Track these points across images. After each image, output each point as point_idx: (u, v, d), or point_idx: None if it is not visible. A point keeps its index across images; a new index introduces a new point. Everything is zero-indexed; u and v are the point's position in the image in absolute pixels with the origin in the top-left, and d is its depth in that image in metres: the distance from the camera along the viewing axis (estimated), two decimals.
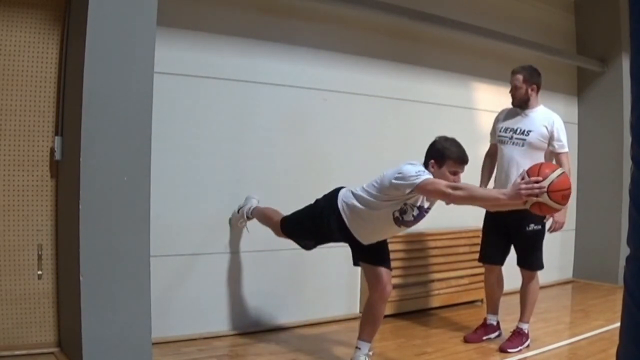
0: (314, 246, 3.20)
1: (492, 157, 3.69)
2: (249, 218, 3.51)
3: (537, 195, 2.55)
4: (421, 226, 4.39)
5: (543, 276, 3.82)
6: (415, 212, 2.88)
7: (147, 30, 2.75)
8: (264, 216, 3.42)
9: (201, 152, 3.52)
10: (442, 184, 2.68)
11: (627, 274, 1.06)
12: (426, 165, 2.86)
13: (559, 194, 2.58)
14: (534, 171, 2.63)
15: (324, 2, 3.85)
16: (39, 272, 2.98)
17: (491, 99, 4.84)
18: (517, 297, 3.60)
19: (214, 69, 3.54)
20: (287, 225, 3.21)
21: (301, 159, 3.91)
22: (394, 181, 2.75)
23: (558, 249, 5.58)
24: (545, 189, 2.54)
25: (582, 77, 5.79)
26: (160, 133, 3.08)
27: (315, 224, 3.06)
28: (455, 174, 2.83)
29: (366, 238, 2.97)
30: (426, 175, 2.71)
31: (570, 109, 5.70)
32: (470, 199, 2.71)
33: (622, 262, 1.13)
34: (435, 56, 4.61)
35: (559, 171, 2.65)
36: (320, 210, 3.05)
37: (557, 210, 2.74)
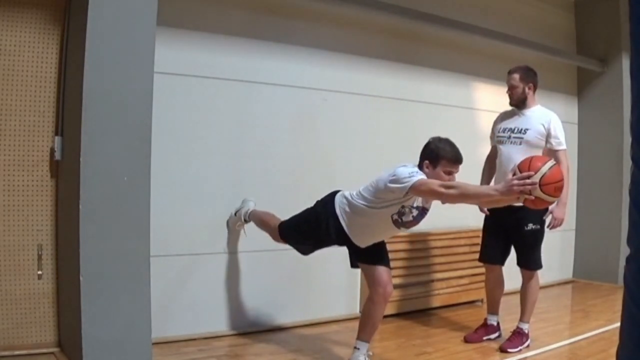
0: (312, 251, 3.21)
1: (491, 160, 3.69)
2: (246, 221, 3.50)
3: (529, 191, 2.52)
4: (421, 226, 4.39)
5: (543, 276, 3.82)
6: (415, 213, 2.87)
7: (147, 30, 2.75)
8: (261, 221, 3.41)
9: (201, 152, 3.52)
10: (435, 183, 2.67)
11: (627, 274, 1.06)
12: (420, 166, 2.86)
13: (551, 187, 2.55)
14: (525, 166, 2.61)
15: (324, 2, 3.85)
16: (39, 272, 2.98)
17: (491, 99, 4.84)
18: (517, 297, 3.59)
19: (214, 69, 3.54)
20: (285, 230, 3.20)
21: (301, 159, 3.90)
22: (389, 184, 2.74)
23: (558, 249, 5.58)
24: (537, 184, 2.52)
25: (582, 77, 5.79)
26: (160, 133, 3.08)
27: (312, 228, 3.06)
28: (450, 173, 2.81)
29: (365, 242, 2.97)
30: (420, 176, 2.70)
31: (570, 109, 5.70)
32: (463, 196, 2.67)
33: (622, 262, 1.13)
34: (436, 56, 4.61)
35: (550, 163, 2.62)
36: (317, 215, 3.05)
37: (550, 203, 2.72)
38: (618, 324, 1.10)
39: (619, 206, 5.26)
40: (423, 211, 2.91)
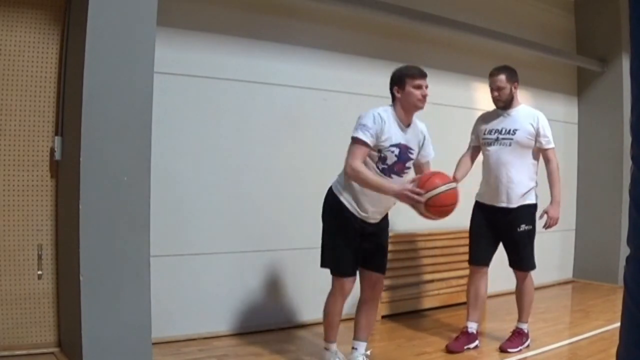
0: (354, 258, 2.91)
1: (466, 160, 3.56)
2: (327, 346, 3.09)
3: (414, 205, 2.65)
4: (421, 226, 4.41)
5: (543, 276, 3.82)
6: (396, 152, 2.79)
7: (147, 30, 2.75)
8: (327, 315, 3.06)
9: (201, 151, 3.52)
10: (354, 157, 2.72)
11: (627, 274, 1.06)
12: (393, 96, 2.89)
13: (437, 209, 2.65)
14: (422, 181, 2.68)
15: (324, 2, 3.85)
16: (39, 272, 2.98)
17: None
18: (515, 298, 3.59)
19: (214, 69, 3.54)
20: (326, 259, 2.93)
21: (301, 159, 3.90)
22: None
23: (558, 249, 5.58)
24: (423, 202, 2.60)
25: (582, 77, 5.80)
26: (160, 133, 3.08)
27: (337, 230, 2.89)
28: (419, 87, 2.85)
29: (369, 212, 2.84)
30: (360, 134, 2.74)
31: (570, 109, 5.70)
32: (362, 182, 2.74)
33: (622, 262, 1.13)
34: (435, 56, 4.61)
35: (448, 186, 2.66)
36: (330, 212, 2.93)
37: (433, 220, 2.74)
38: (618, 324, 1.10)
39: (619, 206, 5.26)
40: (405, 149, 2.83)
